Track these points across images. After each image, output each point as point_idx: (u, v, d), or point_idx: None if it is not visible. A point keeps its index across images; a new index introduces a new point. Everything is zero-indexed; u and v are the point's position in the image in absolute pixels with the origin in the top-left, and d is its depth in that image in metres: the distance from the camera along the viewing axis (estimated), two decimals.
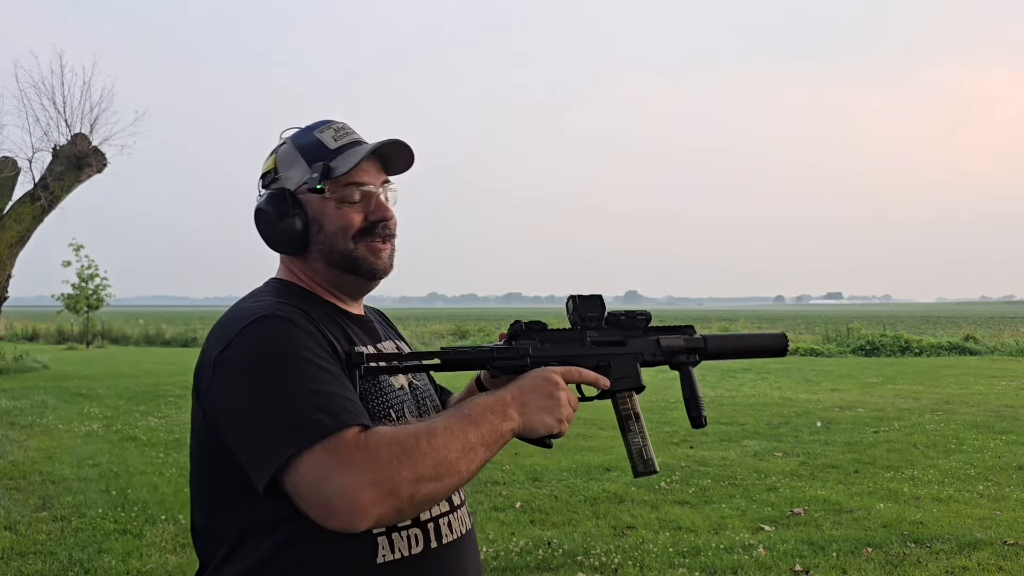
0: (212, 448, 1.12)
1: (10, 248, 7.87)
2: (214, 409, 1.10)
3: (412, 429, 1.03)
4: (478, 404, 1.09)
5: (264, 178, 1.28)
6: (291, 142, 1.28)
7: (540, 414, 1.13)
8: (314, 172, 1.21)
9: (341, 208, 1.23)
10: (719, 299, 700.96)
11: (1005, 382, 12.28)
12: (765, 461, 6.70)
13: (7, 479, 6.36)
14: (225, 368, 1.08)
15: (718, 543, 4.50)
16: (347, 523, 0.97)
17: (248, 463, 1.05)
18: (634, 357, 1.29)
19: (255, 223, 1.26)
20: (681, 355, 1.33)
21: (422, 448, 1.00)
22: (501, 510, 5.26)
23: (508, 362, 1.20)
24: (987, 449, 7.04)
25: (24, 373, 15.71)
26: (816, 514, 5.08)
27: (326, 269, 1.26)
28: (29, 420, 9.37)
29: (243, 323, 1.10)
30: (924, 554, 4.30)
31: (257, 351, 1.07)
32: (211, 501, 1.17)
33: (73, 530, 4.95)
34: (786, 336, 1.40)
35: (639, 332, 1.30)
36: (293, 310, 1.14)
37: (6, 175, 8.05)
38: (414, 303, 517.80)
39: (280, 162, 1.27)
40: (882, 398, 10.67)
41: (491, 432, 1.07)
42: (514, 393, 1.13)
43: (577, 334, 1.27)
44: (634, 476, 1.27)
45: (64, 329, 28.25)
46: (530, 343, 1.23)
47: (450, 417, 1.07)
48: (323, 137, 1.26)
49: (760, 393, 11.45)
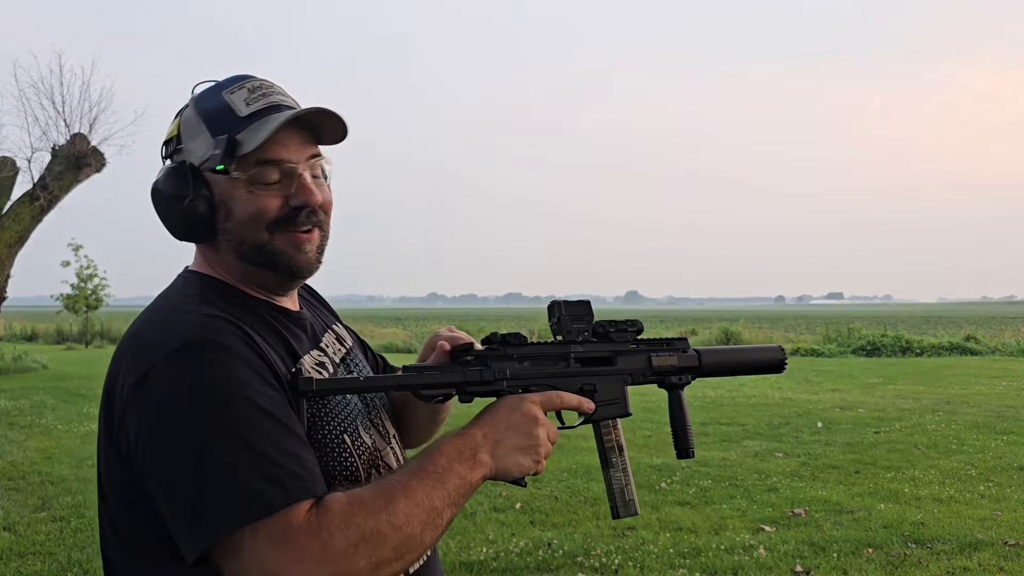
0: (130, 492, 0.94)
1: (9, 248, 7.86)
2: (131, 452, 0.92)
3: (370, 503, 0.88)
4: (444, 453, 0.95)
5: (166, 147, 1.06)
6: (198, 105, 1.04)
7: (515, 455, 0.99)
8: (217, 148, 0.99)
9: (253, 191, 1.01)
10: (720, 299, 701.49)
11: (1006, 382, 12.27)
12: (766, 461, 6.69)
13: (6, 479, 6.35)
14: (145, 407, 0.90)
15: (719, 544, 4.49)
16: None
17: (173, 528, 0.89)
18: (622, 378, 1.14)
19: (152, 203, 1.04)
20: (673, 376, 1.18)
21: (382, 531, 0.86)
22: (501, 511, 5.25)
23: (481, 387, 1.03)
24: (988, 450, 7.03)
25: (23, 373, 15.70)
26: (817, 515, 5.07)
27: (238, 263, 1.05)
28: (28, 420, 9.36)
29: (166, 349, 0.91)
30: (925, 555, 4.28)
31: (186, 393, 0.88)
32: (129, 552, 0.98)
33: (72, 530, 4.94)
34: (783, 350, 1.28)
35: (629, 347, 1.15)
36: (225, 327, 0.95)
37: (5, 175, 8.05)
38: (414, 303, 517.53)
39: (184, 129, 1.04)
40: (883, 398, 10.66)
41: (459, 487, 0.94)
42: (486, 431, 0.98)
43: (561, 349, 1.10)
44: (613, 518, 1.15)
45: (63, 329, 28.24)
46: (508, 363, 1.06)
47: (412, 478, 0.91)
48: (233, 100, 1.02)
49: (761, 393, 11.44)
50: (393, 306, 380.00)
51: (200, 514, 0.85)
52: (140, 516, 0.95)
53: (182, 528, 0.87)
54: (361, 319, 45.91)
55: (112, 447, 0.95)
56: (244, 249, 1.04)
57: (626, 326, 1.15)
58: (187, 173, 1.02)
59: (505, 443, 0.99)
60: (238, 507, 0.84)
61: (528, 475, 1.01)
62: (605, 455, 1.14)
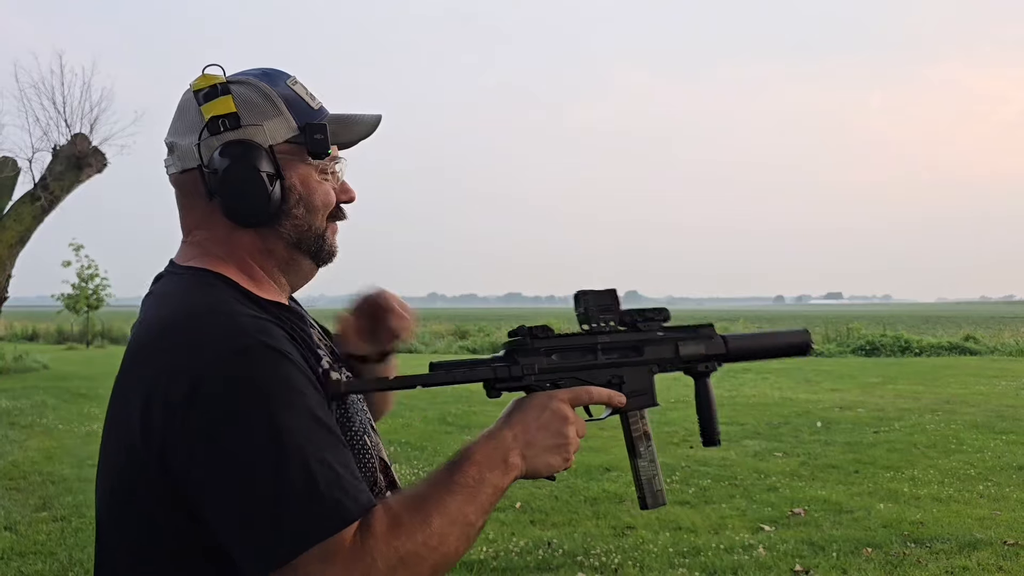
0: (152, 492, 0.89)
1: (10, 248, 7.87)
2: (179, 462, 0.86)
3: (409, 524, 0.87)
4: (476, 463, 0.93)
5: (214, 123, 0.98)
6: (262, 86, 1.01)
7: (545, 456, 0.98)
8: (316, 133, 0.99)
9: (322, 181, 1.04)
10: (719, 299, 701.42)
11: (1005, 382, 12.27)
12: (765, 461, 6.70)
13: (7, 479, 6.36)
14: (204, 415, 0.85)
15: (718, 543, 4.50)
16: None
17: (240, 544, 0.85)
18: (649, 368, 1.13)
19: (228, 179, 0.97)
20: (701, 363, 1.17)
21: (420, 553, 0.86)
22: (501, 510, 5.25)
23: (511, 383, 1.02)
24: (987, 449, 7.04)
25: (24, 373, 15.70)
26: (816, 514, 5.08)
27: (287, 250, 1.04)
28: (29, 420, 9.37)
29: (221, 352, 0.87)
30: (924, 554, 4.30)
31: (251, 401, 0.85)
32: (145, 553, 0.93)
33: (73, 530, 4.95)
34: (809, 333, 1.28)
35: (656, 336, 1.13)
36: (276, 330, 0.92)
37: (6, 175, 8.06)
38: (414, 303, 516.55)
39: (245, 107, 0.99)
40: (882, 398, 10.67)
41: (491, 496, 0.93)
42: (516, 432, 0.97)
43: (589, 340, 1.08)
44: (641, 508, 1.15)
45: (64, 329, 28.23)
46: (536, 358, 1.03)
47: (446, 491, 0.90)
48: (299, 91, 1.03)
49: (760, 393, 11.45)
50: None
51: (281, 529, 0.83)
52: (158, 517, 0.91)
53: (256, 543, 0.84)
54: None
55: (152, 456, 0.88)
56: (308, 236, 1.04)
57: (653, 315, 1.14)
58: (270, 153, 0.99)
59: (536, 444, 0.97)
60: (318, 521, 0.83)
61: (558, 471, 1.01)
62: (633, 445, 1.14)
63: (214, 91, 0.98)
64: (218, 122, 0.97)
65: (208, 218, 1.02)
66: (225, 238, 1.02)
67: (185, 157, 1.01)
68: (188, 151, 1.00)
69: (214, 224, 1.02)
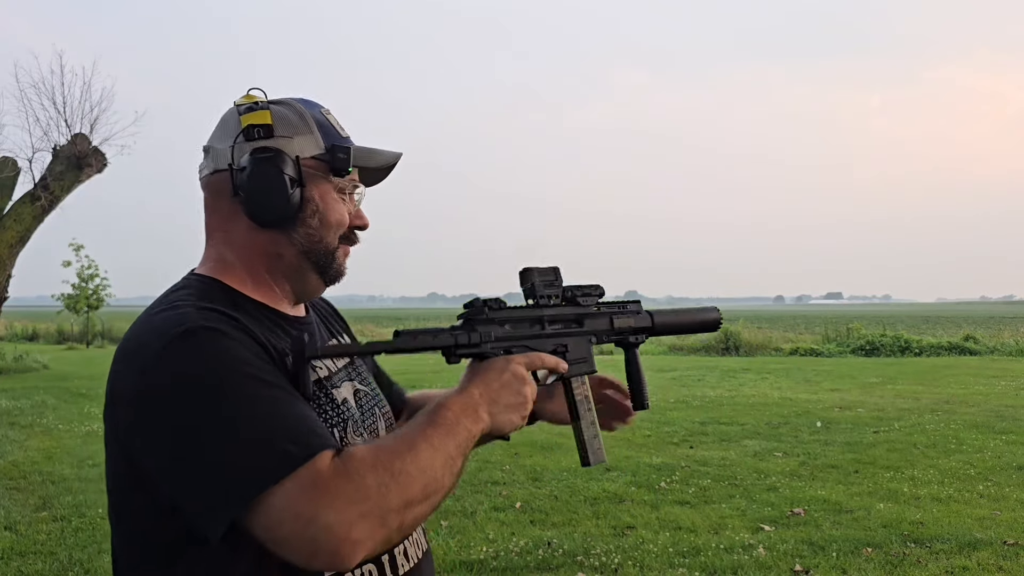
0: (138, 491, 0.96)
1: (10, 248, 7.87)
2: (141, 449, 0.93)
3: (393, 447, 0.93)
4: (450, 409, 1.00)
5: (250, 130, 1.07)
6: (298, 107, 1.12)
7: (507, 413, 1.06)
8: (340, 153, 1.09)
9: (339, 200, 1.12)
10: (719, 299, 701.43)
11: (1005, 382, 12.28)
12: (765, 461, 6.70)
13: (7, 479, 6.36)
14: (151, 398, 0.92)
15: (718, 543, 4.50)
16: (336, 562, 0.87)
17: (195, 511, 0.90)
18: (588, 338, 1.24)
19: (254, 177, 1.05)
20: (631, 335, 1.31)
21: (408, 470, 0.91)
22: (501, 510, 5.26)
23: (468, 349, 1.08)
24: (987, 449, 7.04)
25: (24, 373, 15.71)
26: (816, 514, 5.08)
27: (298, 258, 1.11)
28: (29, 420, 9.37)
29: (164, 340, 0.93)
30: (924, 554, 4.30)
31: (189, 374, 0.91)
32: (140, 550, 1.00)
33: (73, 530, 4.95)
34: (718, 311, 1.46)
35: (593, 310, 1.26)
36: (219, 317, 0.98)
37: (6, 175, 8.06)
38: (414, 303, 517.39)
39: (280, 122, 1.09)
40: (882, 398, 10.67)
41: (466, 439, 1.00)
42: (482, 391, 1.05)
43: (536, 313, 1.18)
44: (582, 465, 1.25)
45: (64, 329, 28.24)
46: (491, 327, 1.11)
47: (427, 428, 0.97)
48: (331, 120, 1.14)
49: (760, 393, 11.45)
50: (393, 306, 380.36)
51: (227, 486, 0.87)
52: (147, 516, 0.97)
53: (206, 506, 0.89)
54: (362, 319, 45.91)
55: (117, 445, 0.98)
56: (318, 248, 1.11)
57: (590, 290, 1.25)
58: (296, 163, 1.08)
59: (499, 402, 1.05)
60: (263, 467, 0.87)
61: (515, 429, 1.09)
62: (576, 408, 1.23)
63: (255, 106, 1.09)
64: (253, 130, 1.07)
65: (230, 218, 1.10)
66: (240, 240, 1.10)
67: (219, 158, 1.10)
68: (222, 153, 1.09)
69: (233, 225, 1.10)
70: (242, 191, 1.06)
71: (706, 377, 13.79)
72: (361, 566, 1.04)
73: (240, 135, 1.08)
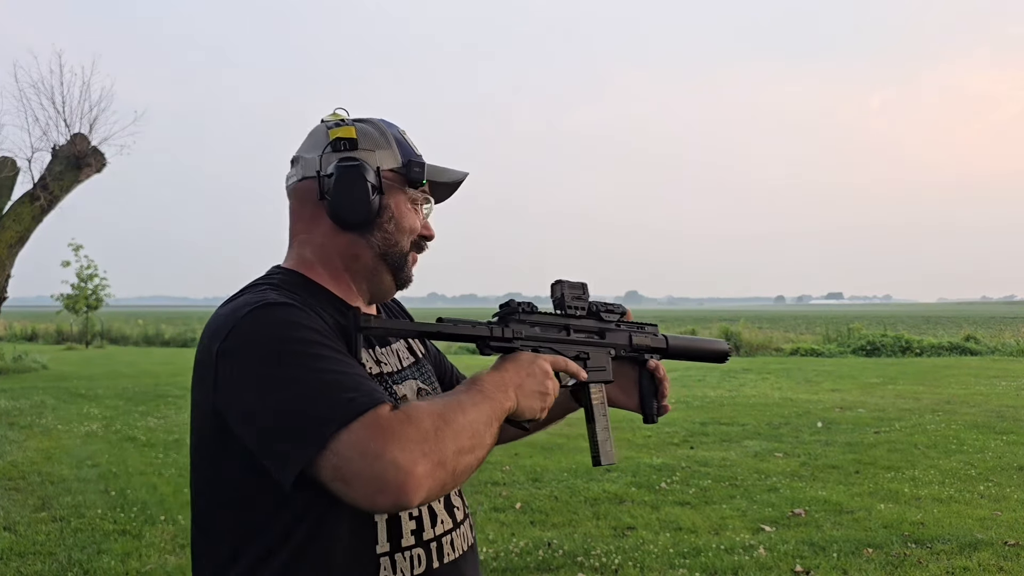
0: (220, 446, 1.06)
1: (9, 248, 7.86)
2: (225, 402, 1.03)
3: (444, 403, 1.03)
4: (488, 382, 1.11)
5: (337, 143, 1.19)
6: (379, 125, 1.24)
7: (531, 399, 1.15)
8: (415, 167, 1.21)
9: (413, 210, 1.24)
10: (719, 299, 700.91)
11: (1006, 382, 12.27)
12: (765, 461, 6.69)
13: (6, 479, 6.35)
14: (231, 358, 1.02)
15: (718, 544, 4.49)
16: (401, 498, 0.93)
17: (273, 455, 0.98)
18: (608, 350, 1.34)
19: (340, 183, 1.16)
20: (647, 353, 1.41)
21: (460, 421, 1.01)
22: (501, 511, 5.25)
23: (502, 343, 1.19)
24: (988, 449, 7.03)
25: (23, 373, 15.71)
26: (817, 515, 5.07)
27: (374, 260, 1.22)
28: (28, 420, 9.36)
29: (244, 311, 1.05)
30: (925, 555, 4.29)
31: (265, 337, 1.02)
32: (214, 509, 1.11)
33: (72, 531, 4.94)
34: (728, 344, 1.57)
35: (615, 326, 1.36)
36: (294, 297, 1.10)
37: (5, 175, 8.05)
38: (414, 303, 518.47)
39: (364, 137, 1.21)
40: (883, 398, 10.66)
41: (500, 409, 1.09)
42: (512, 375, 1.14)
43: (564, 321, 1.29)
44: (594, 465, 1.33)
45: (63, 329, 28.24)
46: (523, 326, 1.23)
47: (469, 392, 1.08)
48: (408, 140, 1.27)
49: (760, 393, 11.45)
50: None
51: (302, 429, 0.95)
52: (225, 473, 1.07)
53: (283, 449, 0.96)
54: None
55: (208, 404, 1.06)
56: (392, 251, 1.22)
57: (614, 308, 1.37)
58: (377, 173, 1.19)
59: (525, 388, 1.14)
60: (332, 413, 0.95)
61: (535, 418, 1.17)
62: (592, 412, 1.32)
63: (342, 123, 1.22)
64: (340, 143, 1.19)
65: (313, 222, 1.21)
66: (321, 241, 1.21)
67: (307, 167, 1.21)
68: (311, 162, 1.21)
69: (316, 227, 1.21)
70: (328, 195, 1.17)
71: (707, 377, 13.79)
72: (411, 549, 1.13)
73: (328, 147, 1.19)
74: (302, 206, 1.22)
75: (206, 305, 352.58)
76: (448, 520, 1.20)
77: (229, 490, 1.08)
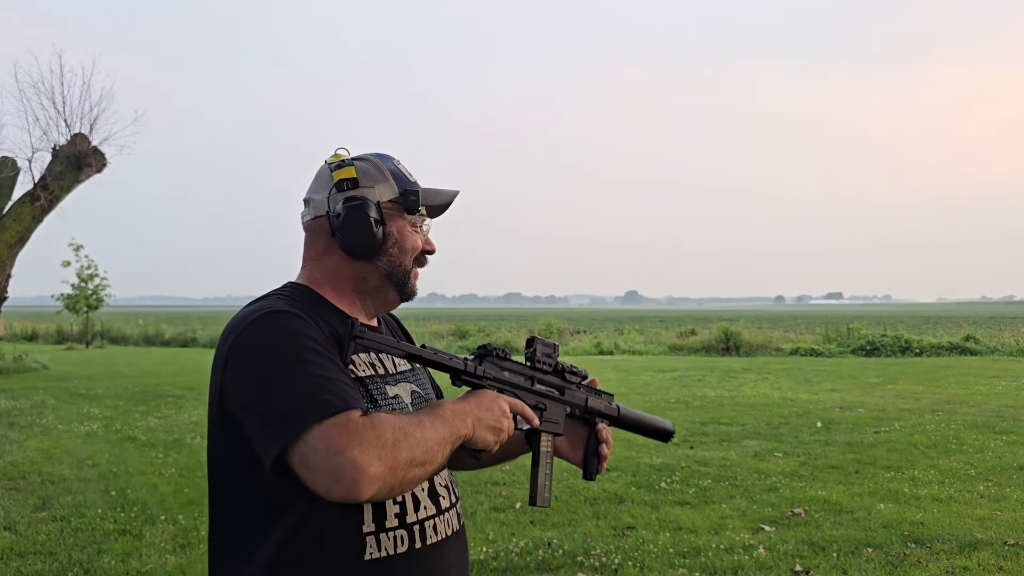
0: (228, 434, 1.23)
1: (10, 248, 7.86)
2: (229, 391, 1.21)
3: (407, 419, 1.18)
4: (449, 409, 1.25)
5: (341, 184, 1.36)
6: (375, 161, 1.40)
7: (486, 432, 1.28)
8: (411, 195, 1.37)
9: (413, 232, 1.40)
10: (719, 299, 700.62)
11: (1006, 382, 12.27)
12: (765, 461, 6.69)
13: (7, 479, 6.35)
14: (237, 353, 1.21)
15: (718, 543, 4.49)
16: (352, 491, 1.08)
17: (259, 438, 1.15)
18: (564, 407, 1.49)
19: (347, 221, 1.33)
20: (598, 417, 1.55)
21: (416, 437, 1.15)
22: (501, 510, 5.25)
23: (472, 379, 1.35)
24: (988, 449, 7.03)
25: (23, 373, 15.71)
26: (816, 514, 5.08)
27: (381, 280, 1.39)
28: (28, 420, 9.36)
29: (252, 316, 1.24)
30: (924, 554, 4.29)
31: (267, 338, 1.20)
32: (222, 496, 1.28)
33: (72, 530, 4.95)
34: (673, 426, 1.70)
35: (575, 387, 1.51)
36: (299, 307, 1.27)
37: (6, 175, 8.05)
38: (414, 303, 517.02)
39: (363, 175, 1.37)
40: (882, 398, 10.67)
41: (455, 434, 1.23)
42: (472, 407, 1.28)
43: (531, 372, 1.44)
44: (530, 504, 1.48)
45: (64, 329, 28.24)
46: (494, 368, 1.38)
47: (430, 415, 1.22)
48: (402, 169, 1.42)
49: (760, 393, 11.45)
50: None
51: (285, 418, 1.12)
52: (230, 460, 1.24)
53: (267, 432, 1.14)
54: None
55: (218, 395, 1.23)
56: (397, 271, 1.39)
57: (578, 371, 1.51)
58: (379, 206, 1.35)
59: (483, 420, 1.28)
60: (312, 411, 1.11)
61: (488, 449, 1.30)
62: (538, 457, 1.47)
63: (342, 164, 1.37)
64: (343, 183, 1.36)
65: (325, 253, 1.38)
66: (332, 267, 1.39)
67: (318, 207, 1.38)
68: (320, 203, 1.38)
69: (328, 257, 1.39)
70: (338, 232, 1.34)
71: (706, 377, 13.79)
72: (395, 530, 1.27)
73: (333, 188, 1.36)
74: (316, 239, 1.39)
75: (206, 305, 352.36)
76: (431, 507, 1.33)
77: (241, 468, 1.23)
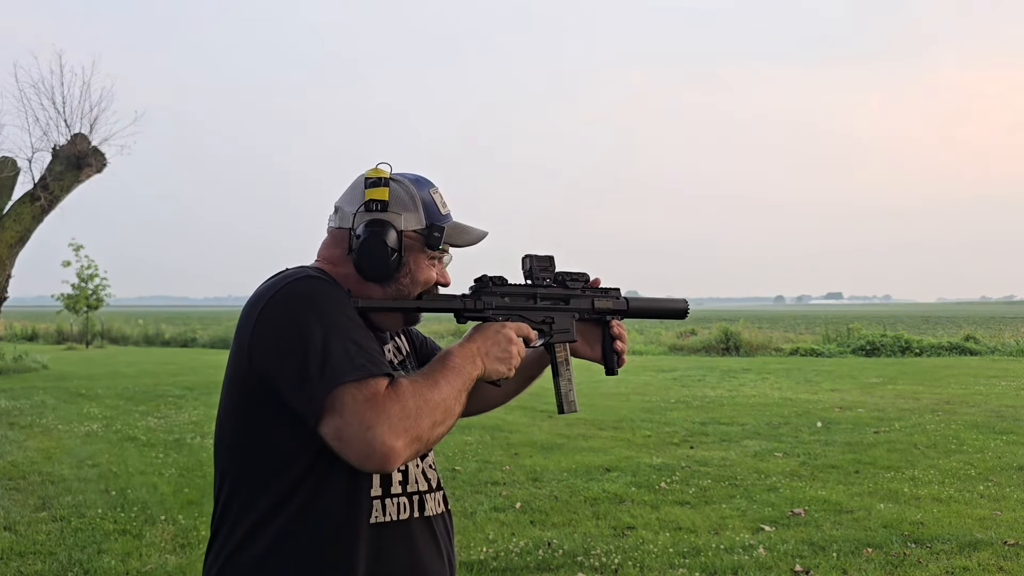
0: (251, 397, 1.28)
1: (10, 248, 7.86)
2: (259, 359, 1.25)
3: (423, 382, 1.24)
4: (457, 356, 1.31)
5: (370, 203, 1.38)
6: (410, 188, 1.41)
7: (496, 364, 1.35)
8: (435, 232, 1.39)
9: (430, 265, 1.42)
10: (719, 299, 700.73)
11: (1005, 382, 12.27)
12: (765, 461, 6.69)
13: (7, 479, 6.35)
14: (267, 314, 1.25)
15: (718, 543, 4.49)
16: (384, 465, 1.17)
17: (299, 394, 1.21)
18: (572, 314, 1.53)
19: (364, 244, 1.35)
20: (609, 315, 1.58)
21: (435, 399, 1.23)
22: (501, 510, 5.25)
23: (475, 314, 1.41)
24: (987, 449, 7.03)
25: (24, 373, 15.71)
26: (816, 514, 5.08)
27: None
28: (29, 420, 9.36)
29: (290, 278, 1.29)
30: (924, 554, 4.29)
31: (305, 298, 1.25)
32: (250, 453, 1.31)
33: (72, 530, 4.95)
34: (687, 302, 1.71)
35: (579, 292, 1.54)
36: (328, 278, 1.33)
37: (6, 175, 8.05)
38: None
39: (394, 199, 1.39)
40: (882, 398, 10.67)
41: (468, 379, 1.30)
42: (479, 344, 1.35)
43: (531, 290, 1.48)
44: (559, 412, 1.53)
45: (64, 329, 28.23)
46: (494, 298, 1.43)
47: (442, 369, 1.28)
48: (436, 199, 1.43)
49: (760, 393, 11.45)
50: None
51: (324, 376, 1.19)
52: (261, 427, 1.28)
53: (309, 390, 1.19)
54: None
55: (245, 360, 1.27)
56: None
57: (578, 276, 1.54)
58: (400, 236, 1.37)
59: (491, 354, 1.35)
60: (348, 370, 1.19)
61: (503, 378, 1.37)
62: (556, 367, 1.52)
63: (379, 182, 1.38)
64: (373, 204, 1.38)
65: (340, 261, 1.41)
66: (342, 276, 1.40)
67: (344, 219, 1.41)
68: (346, 216, 1.40)
69: (341, 265, 1.41)
70: (355, 253, 1.36)
71: (706, 377, 13.79)
72: (398, 497, 1.35)
73: (362, 206, 1.38)
74: (335, 247, 1.42)
75: (206, 305, 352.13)
76: (424, 483, 1.41)
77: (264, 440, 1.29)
